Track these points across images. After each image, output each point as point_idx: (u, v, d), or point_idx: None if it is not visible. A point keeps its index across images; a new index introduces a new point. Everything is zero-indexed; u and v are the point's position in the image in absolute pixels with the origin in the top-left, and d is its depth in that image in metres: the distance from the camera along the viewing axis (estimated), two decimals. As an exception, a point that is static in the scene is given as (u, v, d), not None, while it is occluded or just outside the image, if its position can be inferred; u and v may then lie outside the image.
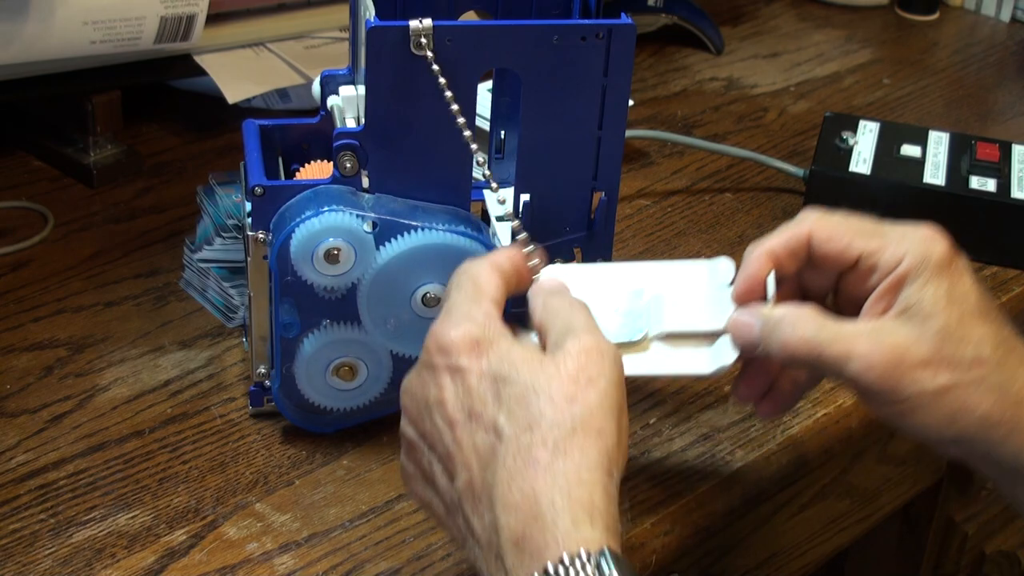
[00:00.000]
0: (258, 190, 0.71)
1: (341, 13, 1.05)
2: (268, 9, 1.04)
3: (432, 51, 0.67)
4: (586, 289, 0.67)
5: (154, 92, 1.09)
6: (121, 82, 0.99)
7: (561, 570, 0.53)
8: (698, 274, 0.70)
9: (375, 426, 0.77)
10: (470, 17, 0.78)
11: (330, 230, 0.70)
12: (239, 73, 1.00)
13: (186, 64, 1.00)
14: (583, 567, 0.53)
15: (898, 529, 1.10)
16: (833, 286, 0.68)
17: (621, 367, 0.59)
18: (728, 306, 0.67)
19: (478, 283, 0.62)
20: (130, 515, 0.71)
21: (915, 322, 0.63)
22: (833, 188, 0.97)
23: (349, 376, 0.74)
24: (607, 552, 0.53)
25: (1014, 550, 1.13)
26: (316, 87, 0.78)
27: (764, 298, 0.66)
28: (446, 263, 0.71)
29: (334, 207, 0.70)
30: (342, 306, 0.72)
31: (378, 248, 0.71)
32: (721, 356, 0.66)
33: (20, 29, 0.89)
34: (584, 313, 0.62)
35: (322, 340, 0.73)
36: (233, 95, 0.98)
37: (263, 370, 0.76)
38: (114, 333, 0.84)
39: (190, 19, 0.95)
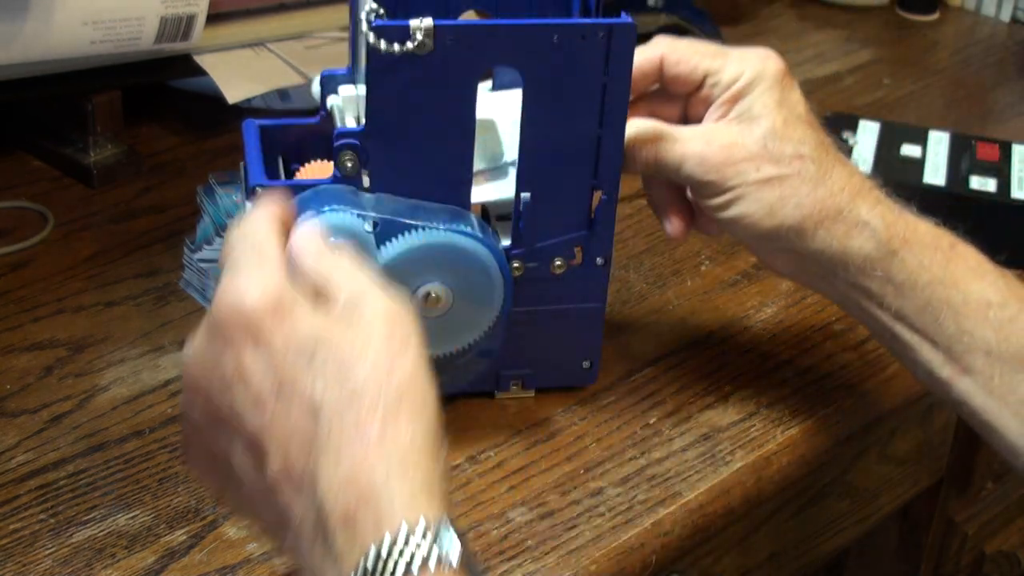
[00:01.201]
0: (258, 190, 0.71)
1: (341, 13, 1.05)
2: (268, 9, 1.04)
3: (432, 50, 0.67)
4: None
5: (154, 92, 1.09)
6: (121, 82, 0.99)
7: (400, 538, 0.49)
8: None
9: (375, 426, 0.77)
10: (469, 17, 0.78)
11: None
12: (239, 73, 1.00)
13: (186, 64, 1.00)
14: (423, 535, 0.49)
15: (898, 529, 1.10)
16: (682, 115, 0.76)
17: (418, 326, 0.55)
18: None
19: (264, 242, 0.58)
20: (130, 515, 0.71)
21: (745, 124, 0.72)
22: (833, 188, 0.97)
23: (349, 376, 0.74)
24: (446, 519, 0.50)
25: (1014, 550, 1.13)
26: (316, 87, 0.78)
27: None
28: (447, 262, 0.71)
29: (335, 207, 0.70)
30: (342, 306, 0.72)
31: (379, 248, 0.71)
32: None
33: (20, 29, 0.88)
34: (367, 270, 0.57)
35: (322, 340, 0.73)
36: (233, 95, 0.98)
37: (263, 370, 0.76)
38: (114, 333, 0.84)
39: (190, 19, 0.95)
